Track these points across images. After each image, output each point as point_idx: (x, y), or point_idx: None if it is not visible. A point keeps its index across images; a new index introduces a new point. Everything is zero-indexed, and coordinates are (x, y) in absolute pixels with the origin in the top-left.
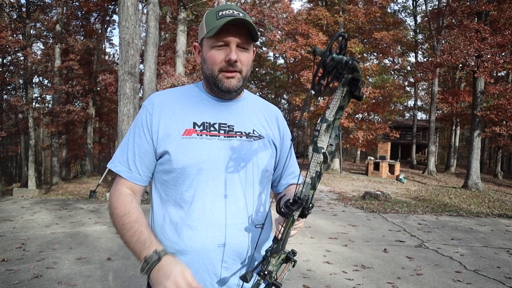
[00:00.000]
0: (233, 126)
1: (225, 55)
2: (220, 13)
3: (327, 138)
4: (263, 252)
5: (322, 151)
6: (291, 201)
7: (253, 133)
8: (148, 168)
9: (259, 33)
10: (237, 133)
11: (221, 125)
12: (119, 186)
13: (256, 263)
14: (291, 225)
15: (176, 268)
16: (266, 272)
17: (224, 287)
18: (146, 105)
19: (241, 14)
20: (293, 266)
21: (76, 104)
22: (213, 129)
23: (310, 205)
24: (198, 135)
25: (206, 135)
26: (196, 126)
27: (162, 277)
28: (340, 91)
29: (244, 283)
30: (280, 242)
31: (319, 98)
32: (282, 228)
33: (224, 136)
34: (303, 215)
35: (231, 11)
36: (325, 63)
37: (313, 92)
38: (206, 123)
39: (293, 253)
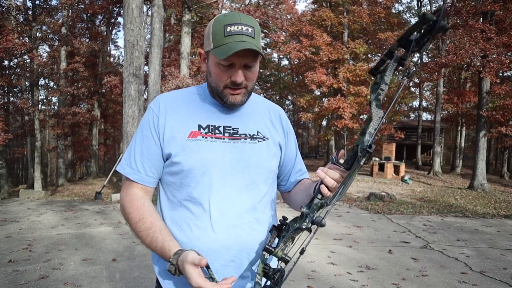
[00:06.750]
0: (238, 128)
1: (231, 74)
2: (228, 29)
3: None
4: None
5: (367, 142)
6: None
7: (258, 134)
8: (157, 170)
9: (262, 40)
10: (242, 136)
11: (226, 127)
12: (130, 189)
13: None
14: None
15: (191, 274)
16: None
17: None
18: (152, 107)
19: (250, 30)
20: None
21: (82, 106)
22: (218, 131)
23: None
24: (203, 137)
25: (211, 137)
26: (201, 129)
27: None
28: (391, 65)
29: (256, 280)
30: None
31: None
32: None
33: (229, 139)
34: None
35: (239, 28)
36: (440, 25)
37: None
38: (211, 125)
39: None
